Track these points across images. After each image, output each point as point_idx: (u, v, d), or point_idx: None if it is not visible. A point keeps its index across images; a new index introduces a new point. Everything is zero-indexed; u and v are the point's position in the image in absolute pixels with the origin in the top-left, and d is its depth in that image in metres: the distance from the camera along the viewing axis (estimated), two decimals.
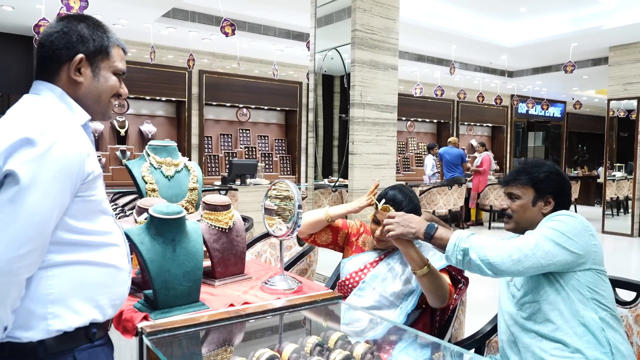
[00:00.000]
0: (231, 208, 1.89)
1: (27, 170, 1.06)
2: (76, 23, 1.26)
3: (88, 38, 1.25)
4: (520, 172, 1.79)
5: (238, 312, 1.53)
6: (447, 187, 8.07)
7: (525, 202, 1.75)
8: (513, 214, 1.77)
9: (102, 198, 1.25)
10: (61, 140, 1.11)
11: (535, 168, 1.77)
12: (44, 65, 1.26)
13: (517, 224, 1.77)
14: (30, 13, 6.32)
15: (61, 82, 1.24)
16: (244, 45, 8.18)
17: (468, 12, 7.79)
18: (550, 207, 1.74)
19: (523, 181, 1.76)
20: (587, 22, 7.66)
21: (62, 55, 1.23)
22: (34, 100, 1.22)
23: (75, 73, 1.24)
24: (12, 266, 1.04)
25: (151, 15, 6.65)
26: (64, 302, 1.15)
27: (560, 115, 15.37)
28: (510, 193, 1.79)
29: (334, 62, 5.58)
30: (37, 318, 1.12)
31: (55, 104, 1.21)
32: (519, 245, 1.55)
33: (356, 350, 1.35)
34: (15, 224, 1.04)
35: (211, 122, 9.52)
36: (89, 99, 1.27)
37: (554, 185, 1.74)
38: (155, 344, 1.34)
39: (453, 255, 1.60)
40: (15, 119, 1.14)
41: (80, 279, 1.18)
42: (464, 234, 1.62)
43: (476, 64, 10.48)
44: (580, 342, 1.57)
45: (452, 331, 1.98)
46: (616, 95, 8.56)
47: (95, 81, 1.27)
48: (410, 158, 12.06)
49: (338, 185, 5.75)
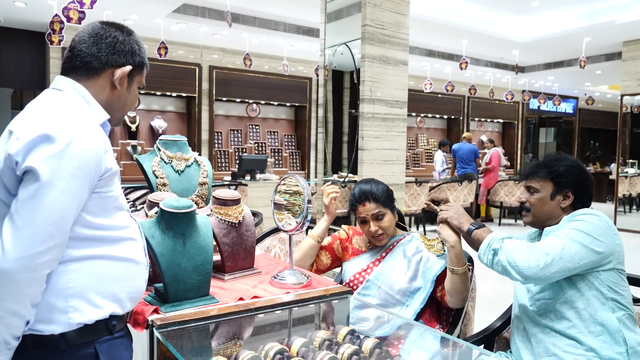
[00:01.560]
0: (241, 203, 1.90)
1: (46, 167, 1.07)
2: (127, 35, 1.32)
3: (137, 52, 1.33)
4: (540, 166, 1.78)
5: (247, 306, 1.54)
6: (457, 183, 8.03)
7: (543, 196, 1.75)
8: (531, 207, 1.77)
9: (119, 194, 1.27)
10: (79, 137, 1.12)
11: (555, 162, 1.77)
12: (82, 64, 1.26)
13: (535, 217, 1.77)
14: (42, 9, 6.36)
15: (97, 83, 1.27)
16: (254, 41, 8.19)
17: (479, 7, 7.72)
18: (569, 201, 1.73)
19: (542, 175, 1.76)
20: (600, 17, 7.56)
21: (111, 60, 1.27)
22: (54, 96, 1.22)
23: (119, 81, 1.29)
24: (33, 262, 1.05)
25: (161, 11, 6.67)
26: (84, 295, 1.17)
27: (572, 111, 15.21)
28: (529, 186, 1.79)
29: (343, 58, 5.57)
30: (58, 312, 1.14)
31: (75, 101, 1.23)
32: (546, 250, 1.54)
33: (365, 344, 1.36)
34: (36, 220, 1.06)
35: (221, 118, 9.55)
36: (115, 106, 1.32)
37: (574, 180, 1.73)
38: (166, 337, 1.35)
39: (485, 254, 1.62)
40: (34, 114, 1.15)
41: (99, 273, 1.20)
42: (499, 235, 1.64)
43: (487, 59, 10.40)
44: (595, 341, 1.56)
45: (462, 327, 1.97)
46: (629, 90, 8.45)
47: (127, 92, 1.33)
48: (420, 154, 12.01)
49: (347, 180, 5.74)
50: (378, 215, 2.01)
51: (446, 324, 2.00)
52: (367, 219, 2.02)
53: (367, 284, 1.99)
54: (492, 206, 9.24)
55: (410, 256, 2.01)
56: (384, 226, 2.01)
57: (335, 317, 1.74)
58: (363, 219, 2.03)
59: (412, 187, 7.40)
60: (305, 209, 1.68)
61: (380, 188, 2.03)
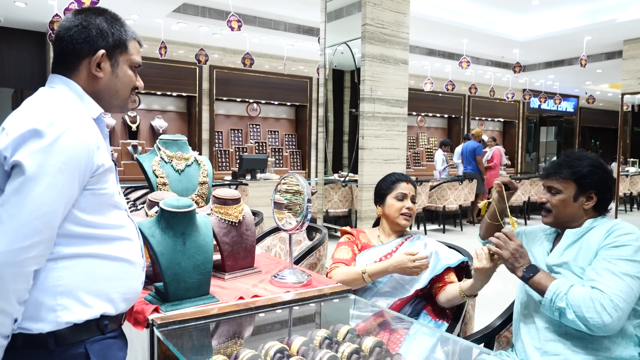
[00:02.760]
0: (241, 202, 1.90)
1: (32, 161, 1.05)
2: (94, 17, 1.25)
3: (107, 32, 1.25)
4: (562, 165, 1.71)
5: (247, 305, 1.54)
6: (458, 182, 8.03)
7: (566, 197, 1.68)
8: (552, 208, 1.71)
9: (114, 192, 1.24)
10: (69, 132, 1.11)
11: (578, 161, 1.69)
12: (62, 60, 1.24)
13: (556, 218, 1.71)
14: (43, 9, 6.37)
15: (80, 76, 1.24)
16: (254, 40, 8.19)
17: (479, 6, 7.72)
18: (593, 202, 1.68)
19: (565, 175, 1.69)
20: (600, 15, 7.55)
21: (82, 49, 1.23)
22: (47, 93, 1.21)
23: (96, 68, 1.23)
24: (17, 257, 1.04)
25: (162, 11, 6.67)
26: (73, 294, 1.15)
27: (573, 109, 15.20)
28: (550, 187, 1.72)
29: (344, 57, 5.57)
30: (45, 309, 1.12)
31: (67, 96, 1.21)
32: (612, 298, 1.47)
33: (365, 343, 1.36)
34: (21, 215, 1.04)
35: (222, 117, 9.55)
36: (107, 93, 1.27)
37: (598, 181, 1.67)
38: (166, 336, 1.35)
39: (549, 309, 1.55)
40: (25, 110, 1.14)
41: (90, 272, 1.18)
42: (563, 288, 1.53)
43: (488, 58, 10.40)
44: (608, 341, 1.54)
45: (462, 325, 1.98)
46: (630, 89, 8.45)
47: (114, 76, 1.27)
48: (421, 153, 12.01)
49: (348, 180, 5.74)
50: (414, 197, 2.18)
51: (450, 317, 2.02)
52: (407, 195, 2.15)
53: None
54: None
55: (422, 248, 2.09)
56: (414, 211, 2.17)
57: (336, 315, 1.74)
58: (403, 195, 2.15)
59: None
60: (305, 208, 1.68)
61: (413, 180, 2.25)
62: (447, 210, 7.96)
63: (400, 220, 2.15)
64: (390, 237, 2.19)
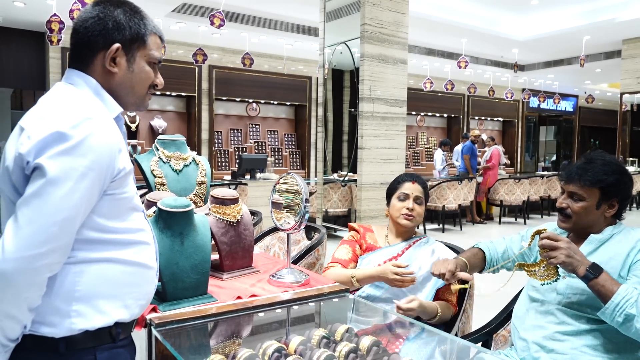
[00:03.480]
0: (239, 202, 1.90)
1: (54, 164, 1.01)
2: (113, 8, 1.18)
3: (125, 25, 1.18)
4: (587, 171, 1.60)
5: (245, 305, 1.54)
6: (457, 182, 8.03)
7: (589, 205, 1.60)
8: (573, 214, 1.62)
9: (133, 194, 1.20)
10: (94, 135, 1.06)
11: (604, 167, 1.60)
12: (77, 53, 1.18)
13: (576, 225, 1.63)
14: (41, 9, 6.37)
15: (95, 71, 1.18)
16: (254, 40, 8.19)
17: (478, 5, 7.72)
18: (614, 210, 1.63)
19: (589, 182, 1.59)
20: (600, 15, 7.56)
21: (97, 42, 1.16)
22: (67, 91, 1.15)
23: (110, 63, 1.17)
24: (32, 264, 0.99)
25: (161, 10, 6.67)
26: (90, 300, 1.11)
27: (572, 109, 15.21)
28: (572, 192, 1.62)
29: (343, 57, 5.57)
30: (61, 315, 1.08)
31: (87, 95, 1.16)
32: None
33: (362, 342, 1.36)
34: (39, 219, 0.99)
35: (221, 117, 9.55)
36: (122, 90, 1.20)
37: (623, 189, 1.61)
38: (164, 336, 1.36)
39: (612, 314, 1.43)
40: (47, 110, 1.08)
41: (108, 277, 1.13)
42: (633, 294, 1.43)
43: (487, 57, 10.40)
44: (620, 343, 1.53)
45: (460, 325, 1.98)
46: (629, 88, 8.45)
47: (130, 71, 1.20)
48: (420, 152, 12.01)
49: (347, 179, 5.75)
50: (418, 199, 2.10)
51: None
52: (409, 196, 2.09)
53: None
54: (492, 204, 9.24)
55: (429, 256, 2.04)
56: (418, 212, 2.10)
57: (333, 315, 1.75)
58: (406, 195, 2.10)
59: None
60: (303, 207, 1.68)
61: (424, 181, 2.18)
62: (446, 210, 7.96)
63: (401, 220, 2.09)
64: (397, 239, 2.13)
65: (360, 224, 2.26)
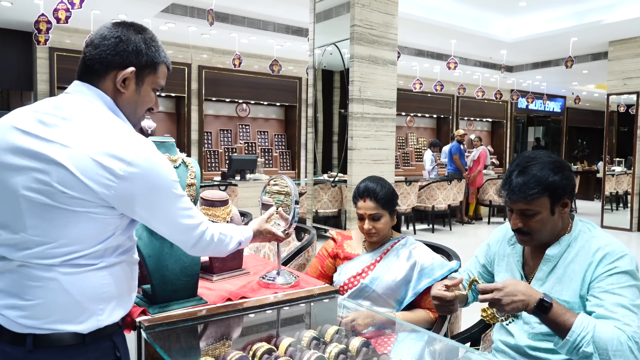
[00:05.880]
0: (229, 203, 1.90)
1: None
2: (134, 34, 1.25)
3: (143, 52, 1.24)
4: (528, 183, 1.47)
5: (235, 307, 1.54)
6: (447, 182, 8.08)
7: (544, 216, 1.48)
8: (532, 232, 1.50)
9: None
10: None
11: (543, 172, 1.47)
12: (89, 67, 1.23)
13: (538, 240, 1.52)
14: (29, 9, 6.30)
15: (104, 87, 1.23)
16: (244, 41, 8.17)
17: (467, 7, 7.77)
18: (568, 208, 1.52)
19: (536, 194, 1.46)
20: (587, 17, 7.64)
21: (113, 61, 1.21)
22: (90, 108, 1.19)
23: (121, 83, 1.23)
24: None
25: (150, 11, 6.63)
26: (111, 299, 1.21)
27: (560, 110, 15.35)
28: (522, 210, 1.49)
29: (333, 58, 5.58)
30: (89, 314, 1.16)
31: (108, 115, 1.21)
32: (637, 340, 1.33)
33: (352, 343, 1.37)
34: None
35: (211, 118, 9.52)
36: (125, 110, 1.26)
37: (568, 184, 1.49)
38: (154, 338, 1.36)
39: (569, 349, 1.35)
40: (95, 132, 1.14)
41: (121, 277, 1.23)
42: (589, 327, 1.34)
43: (476, 58, 10.47)
44: None
45: (449, 325, 1.99)
46: (616, 90, 8.55)
47: (136, 94, 1.26)
48: (410, 153, 12.06)
49: (337, 180, 5.75)
50: (375, 215, 2.01)
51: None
52: (364, 216, 2.03)
53: (362, 286, 1.99)
54: (481, 205, 9.30)
55: (405, 261, 2.02)
56: (379, 227, 2.02)
57: (323, 316, 1.75)
58: (361, 215, 2.04)
59: (402, 187, 7.44)
60: (293, 209, 1.69)
61: (384, 190, 2.03)
62: (436, 210, 8.00)
63: (366, 237, 2.08)
64: (374, 245, 2.09)
65: (340, 232, 2.25)
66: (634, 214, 8.39)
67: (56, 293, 1.12)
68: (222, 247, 1.38)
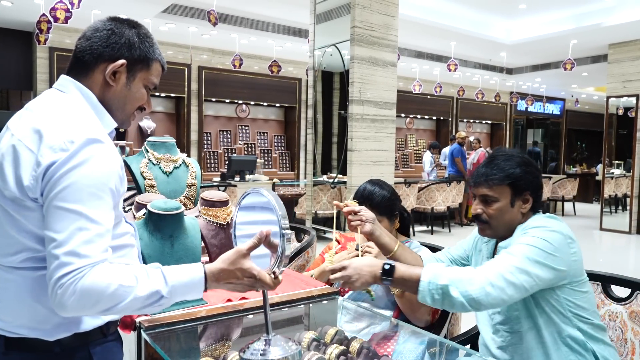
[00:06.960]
0: (229, 204, 1.90)
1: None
2: (128, 28, 1.22)
3: (135, 46, 1.21)
4: (493, 169, 1.54)
5: (235, 307, 1.54)
6: (446, 184, 8.08)
7: (503, 205, 1.53)
8: (490, 219, 1.55)
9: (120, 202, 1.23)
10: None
11: (508, 162, 1.54)
12: (79, 59, 1.20)
13: (496, 230, 1.57)
14: (29, 8, 6.30)
15: (93, 79, 1.19)
16: (244, 42, 8.18)
17: (467, 9, 7.78)
18: (529, 205, 1.56)
19: (498, 180, 1.53)
20: (586, 20, 7.66)
21: (103, 52, 1.18)
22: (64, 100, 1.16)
23: (111, 76, 1.19)
24: None
25: (150, 11, 6.64)
26: None
27: (559, 112, 15.36)
28: (484, 195, 1.56)
29: (333, 59, 5.58)
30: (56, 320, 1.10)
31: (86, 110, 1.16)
32: (500, 271, 1.37)
33: (352, 345, 1.37)
34: None
35: (210, 118, 9.52)
36: (113, 104, 1.22)
37: (532, 180, 1.55)
38: (154, 339, 1.35)
39: (429, 294, 1.36)
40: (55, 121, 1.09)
41: None
42: (438, 269, 1.39)
43: (475, 60, 10.48)
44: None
45: (449, 327, 1.99)
46: (615, 92, 8.57)
47: (126, 89, 1.22)
48: (410, 155, 12.07)
49: (337, 181, 5.76)
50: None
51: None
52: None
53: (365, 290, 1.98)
54: None
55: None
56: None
57: (323, 317, 1.75)
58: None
59: (402, 188, 7.45)
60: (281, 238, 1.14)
61: (382, 194, 1.99)
62: (435, 212, 8.00)
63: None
64: None
65: (343, 234, 2.24)
66: (633, 216, 8.40)
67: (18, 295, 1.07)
68: (110, 300, 1.01)
